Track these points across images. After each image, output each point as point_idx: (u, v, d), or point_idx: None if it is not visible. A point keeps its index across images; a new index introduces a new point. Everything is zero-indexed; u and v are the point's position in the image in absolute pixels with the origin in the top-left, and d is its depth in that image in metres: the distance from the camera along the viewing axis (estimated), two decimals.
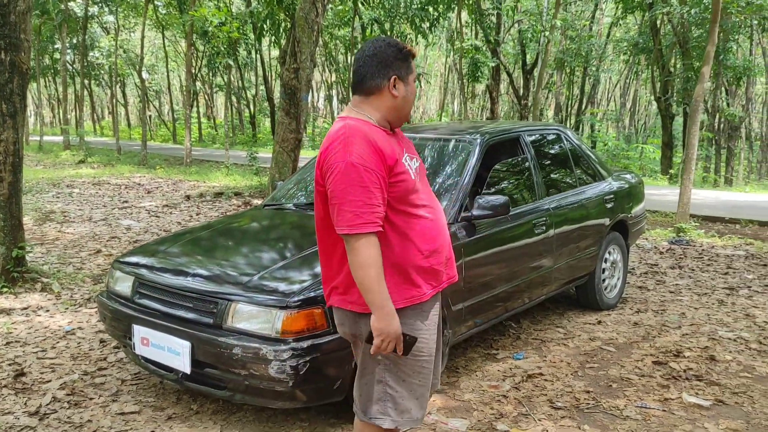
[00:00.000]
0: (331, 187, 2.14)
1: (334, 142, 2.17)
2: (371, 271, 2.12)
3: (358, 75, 2.29)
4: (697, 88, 8.39)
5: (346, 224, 2.12)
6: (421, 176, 2.37)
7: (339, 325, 2.41)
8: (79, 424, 3.25)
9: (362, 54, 2.28)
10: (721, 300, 5.64)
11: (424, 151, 4.24)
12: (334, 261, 2.31)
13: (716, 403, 3.60)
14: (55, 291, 5.43)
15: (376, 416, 2.33)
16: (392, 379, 2.31)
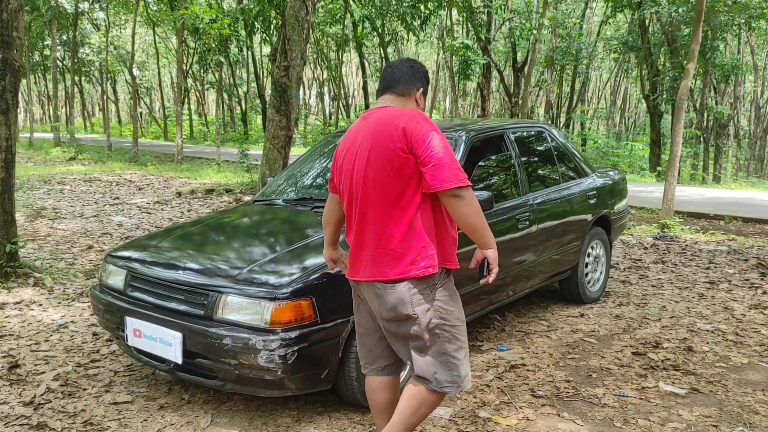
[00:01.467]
0: (432, 151, 2.41)
1: (413, 117, 2.50)
2: (482, 215, 2.49)
3: (394, 77, 2.68)
4: (681, 86, 8.53)
5: (457, 179, 2.40)
6: None
7: (399, 304, 2.52)
8: (73, 413, 3.34)
9: (400, 63, 2.71)
10: (701, 294, 5.77)
11: None
12: (402, 234, 2.50)
13: (691, 391, 3.72)
14: (47, 286, 5.50)
15: (446, 385, 2.60)
16: (452, 349, 2.59)
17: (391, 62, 2.76)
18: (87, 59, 34.49)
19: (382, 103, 2.67)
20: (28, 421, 3.24)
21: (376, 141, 2.51)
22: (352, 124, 2.77)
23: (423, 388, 2.62)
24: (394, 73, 2.68)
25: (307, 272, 3.18)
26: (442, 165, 2.40)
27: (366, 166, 2.53)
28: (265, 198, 4.55)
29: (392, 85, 2.68)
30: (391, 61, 2.90)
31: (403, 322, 2.55)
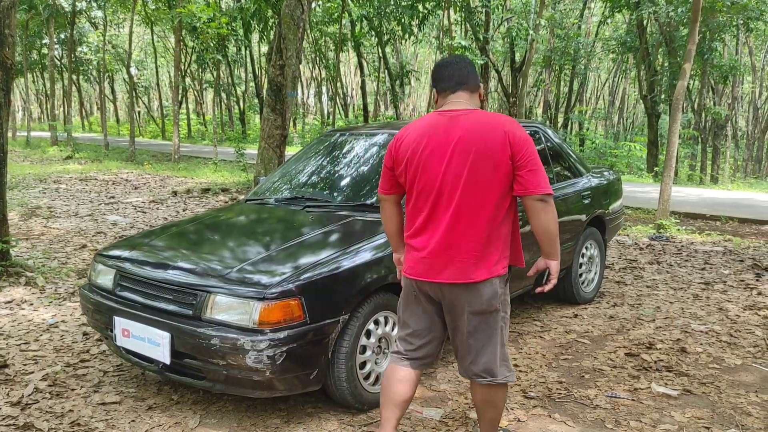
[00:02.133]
0: (530, 156, 2.55)
1: (513, 123, 2.62)
2: (557, 225, 2.67)
3: (463, 73, 2.69)
4: (678, 86, 8.51)
5: (548, 185, 2.56)
6: None
7: (492, 298, 2.64)
8: (60, 414, 3.31)
9: (460, 59, 2.73)
10: (696, 294, 5.75)
11: None
12: (492, 235, 2.61)
13: (684, 392, 3.70)
14: (39, 285, 5.48)
15: (506, 375, 2.73)
16: (504, 340, 2.75)
17: (447, 59, 2.75)
18: (85, 58, 34.42)
19: (458, 100, 2.68)
20: (15, 421, 3.21)
21: (481, 143, 2.55)
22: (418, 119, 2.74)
23: (494, 386, 2.74)
24: (462, 70, 2.70)
25: (296, 272, 3.15)
26: (538, 170, 2.54)
27: (466, 166, 2.56)
28: (257, 197, 4.52)
29: (465, 81, 2.69)
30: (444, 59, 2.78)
31: (489, 314, 2.66)
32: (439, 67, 2.76)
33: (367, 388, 3.40)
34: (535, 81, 31.28)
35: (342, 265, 3.25)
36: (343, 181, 4.35)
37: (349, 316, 3.23)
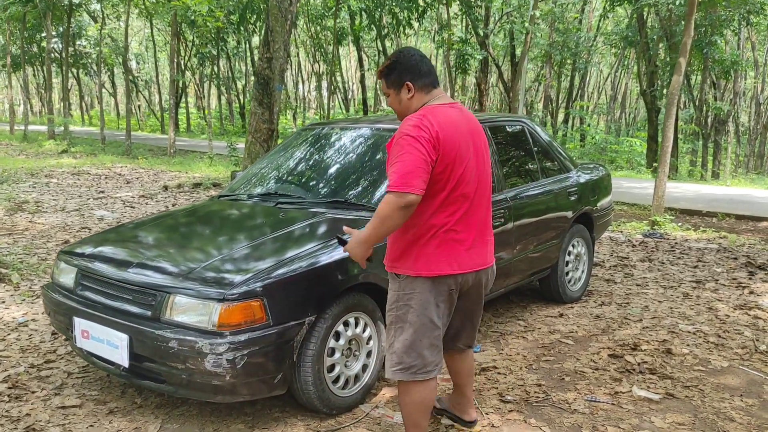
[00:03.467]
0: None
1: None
2: None
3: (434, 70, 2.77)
4: (673, 81, 8.36)
5: None
6: None
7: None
8: (16, 418, 3.19)
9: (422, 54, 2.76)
10: (686, 293, 5.62)
11: (378, 144, 4.19)
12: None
13: (666, 396, 3.58)
14: (14, 282, 5.36)
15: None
16: None
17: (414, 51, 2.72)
18: (84, 51, 34.26)
19: (442, 95, 2.73)
20: None
21: (482, 136, 2.78)
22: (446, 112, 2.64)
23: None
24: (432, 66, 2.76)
25: (259, 272, 3.02)
26: None
27: (483, 158, 2.74)
28: (231, 193, 4.40)
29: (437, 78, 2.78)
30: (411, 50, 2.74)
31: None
32: (421, 59, 2.69)
33: (336, 392, 3.28)
34: (536, 76, 31.10)
35: (308, 264, 3.12)
36: (318, 177, 4.22)
37: (315, 318, 3.11)
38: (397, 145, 2.52)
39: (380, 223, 2.49)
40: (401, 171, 2.45)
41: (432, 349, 2.69)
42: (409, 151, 2.47)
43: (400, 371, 2.69)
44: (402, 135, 2.52)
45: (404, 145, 2.49)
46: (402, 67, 2.68)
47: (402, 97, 2.70)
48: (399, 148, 2.50)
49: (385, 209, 2.45)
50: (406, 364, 2.67)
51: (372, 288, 3.41)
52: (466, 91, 33.15)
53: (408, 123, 2.55)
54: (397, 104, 2.74)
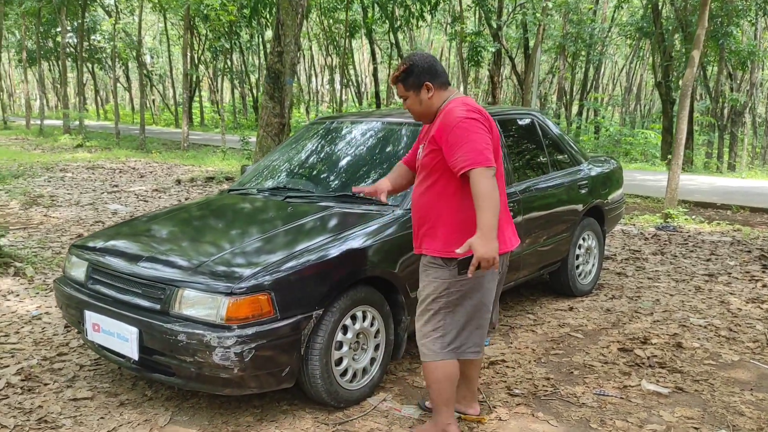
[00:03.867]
0: None
1: None
2: None
3: None
4: (686, 73, 8.28)
5: None
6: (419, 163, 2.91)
7: None
8: (29, 410, 3.24)
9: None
10: (698, 286, 5.58)
11: (388, 137, 4.19)
12: None
13: (675, 390, 3.56)
14: (28, 276, 5.42)
15: None
16: None
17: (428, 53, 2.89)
18: (99, 46, 34.43)
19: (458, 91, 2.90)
20: None
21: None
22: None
23: None
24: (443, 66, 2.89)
25: (267, 266, 3.04)
26: None
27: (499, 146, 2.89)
28: (240, 187, 4.42)
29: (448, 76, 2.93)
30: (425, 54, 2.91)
31: None
32: (435, 60, 2.85)
33: (344, 385, 3.29)
34: (550, 68, 30.89)
35: (316, 258, 3.13)
36: (327, 171, 4.23)
37: (323, 311, 3.12)
38: (458, 129, 2.64)
39: (490, 199, 2.52)
40: (477, 148, 2.59)
41: (483, 329, 2.91)
42: (474, 131, 2.63)
43: (451, 351, 2.83)
44: (459, 120, 2.64)
45: (466, 127, 2.63)
46: (419, 69, 2.79)
47: (422, 97, 2.81)
48: (461, 131, 2.63)
49: (487, 184, 2.54)
50: (457, 344, 2.84)
51: (380, 282, 3.42)
52: (479, 83, 33.03)
53: (458, 111, 2.68)
54: (417, 105, 2.84)
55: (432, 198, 2.81)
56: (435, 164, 2.77)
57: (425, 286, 2.85)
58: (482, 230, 2.51)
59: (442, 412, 2.92)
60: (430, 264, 2.83)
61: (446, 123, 2.69)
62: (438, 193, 2.79)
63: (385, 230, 3.44)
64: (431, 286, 2.81)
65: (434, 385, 2.87)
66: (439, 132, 2.71)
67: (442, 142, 2.69)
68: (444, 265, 2.77)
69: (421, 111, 2.86)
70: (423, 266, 2.89)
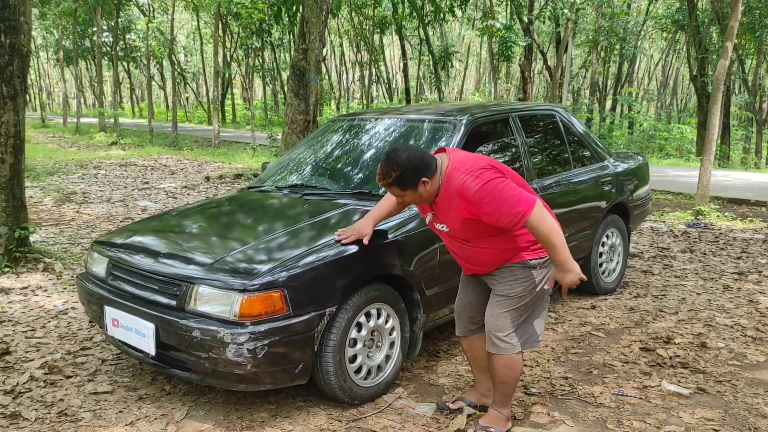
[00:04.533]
0: None
1: None
2: None
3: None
4: (718, 65, 8.10)
5: None
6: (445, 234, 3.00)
7: None
8: (50, 403, 3.31)
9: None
10: (727, 285, 5.46)
11: (406, 134, 4.18)
12: None
13: (697, 391, 3.49)
14: (56, 271, 5.54)
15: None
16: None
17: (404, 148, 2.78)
18: (134, 45, 34.99)
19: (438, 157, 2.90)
20: (4, 410, 3.22)
21: None
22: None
23: None
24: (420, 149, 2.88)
25: (280, 263, 3.06)
26: None
27: None
28: (260, 184, 4.45)
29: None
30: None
31: None
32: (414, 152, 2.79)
33: (358, 382, 3.30)
34: (583, 62, 30.46)
35: (329, 255, 3.14)
36: (344, 169, 4.24)
37: (336, 309, 3.12)
38: (479, 197, 2.66)
39: (555, 235, 2.66)
40: (510, 201, 2.63)
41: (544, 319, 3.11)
42: (493, 185, 2.66)
43: (530, 342, 3.01)
44: (475, 190, 2.66)
45: (485, 189, 2.65)
46: (411, 171, 2.72)
47: (421, 191, 2.78)
48: (485, 196, 2.65)
49: (545, 222, 2.65)
50: (527, 336, 3.00)
51: (395, 279, 3.42)
52: (510, 78, 32.74)
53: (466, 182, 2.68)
54: (419, 197, 2.82)
55: (483, 251, 2.90)
56: (475, 232, 2.83)
57: (512, 285, 2.91)
58: (561, 266, 2.71)
59: (509, 402, 3.08)
60: (517, 266, 2.90)
61: (468, 195, 2.68)
62: (488, 245, 2.87)
63: (400, 228, 3.43)
64: (520, 286, 2.90)
65: (511, 376, 2.99)
66: (468, 204, 2.70)
67: (476, 211, 2.70)
68: (523, 266, 2.89)
69: (423, 200, 2.85)
70: (507, 267, 2.93)
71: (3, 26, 5.24)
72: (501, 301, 2.94)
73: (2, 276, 5.31)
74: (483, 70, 38.52)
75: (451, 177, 2.75)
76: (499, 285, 2.95)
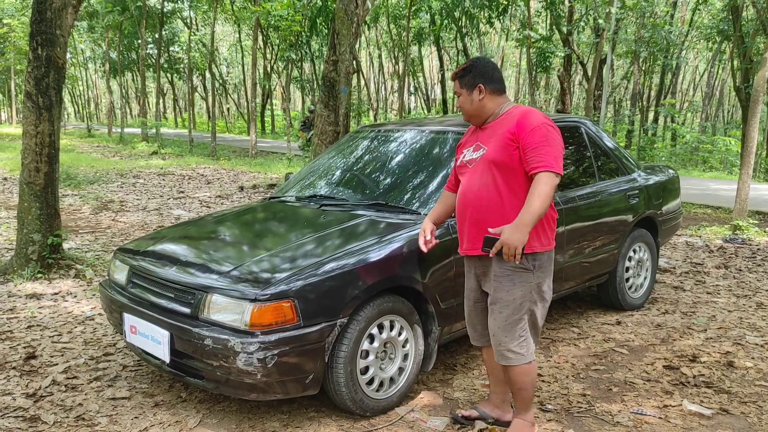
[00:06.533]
0: None
1: None
2: None
3: None
4: (757, 76, 7.89)
5: None
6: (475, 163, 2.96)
7: None
8: (69, 408, 3.38)
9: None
10: (760, 303, 5.30)
11: (427, 145, 4.18)
12: None
13: (720, 412, 3.39)
14: (87, 278, 5.67)
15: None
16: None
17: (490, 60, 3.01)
18: (177, 57, 35.76)
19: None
20: (25, 413, 3.30)
21: None
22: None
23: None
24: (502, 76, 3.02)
25: (291, 273, 3.07)
26: None
27: None
28: (281, 194, 4.49)
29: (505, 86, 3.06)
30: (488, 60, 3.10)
31: None
32: (494, 67, 2.98)
33: (370, 394, 3.29)
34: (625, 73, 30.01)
35: (340, 266, 3.14)
36: (362, 179, 4.25)
37: (348, 320, 3.13)
38: (539, 132, 2.77)
39: (543, 201, 2.68)
40: (556, 155, 2.75)
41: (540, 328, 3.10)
42: (555, 138, 2.79)
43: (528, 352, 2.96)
44: (542, 124, 2.79)
45: (547, 133, 2.78)
46: (477, 71, 2.95)
47: (473, 98, 2.95)
48: (542, 135, 2.76)
49: (549, 188, 2.69)
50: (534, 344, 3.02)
51: (409, 291, 3.41)
52: (549, 89, 32.46)
53: (539, 116, 2.83)
54: (468, 104, 2.98)
55: (495, 194, 2.88)
56: (504, 160, 2.85)
57: (510, 290, 2.89)
58: (519, 222, 2.68)
59: (531, 406, 3.08)
60: (517, 269, 2.87)
61: (527, 123, 2.80)
62: (502, 189, 2.87)
63: (415, 240, 3.42)
64: (519, 291, 2.89)
65: (529, 384, 2.99)
66: (519, 129, 2.80)
67: (521, 139, 2.79)
68: (530, 270, 2.88)
69: (470, 111, 2.99)
70: (503, 271, 2.89)
71: (40, 39, 5.41)
72: (502, 310, 2.91)
73: (35, 282, 5.46)
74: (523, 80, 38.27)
75: (519, 108, 2.92)
76: (497, 292, 2.91)
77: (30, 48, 5.46)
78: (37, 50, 5.42)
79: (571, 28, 20.04)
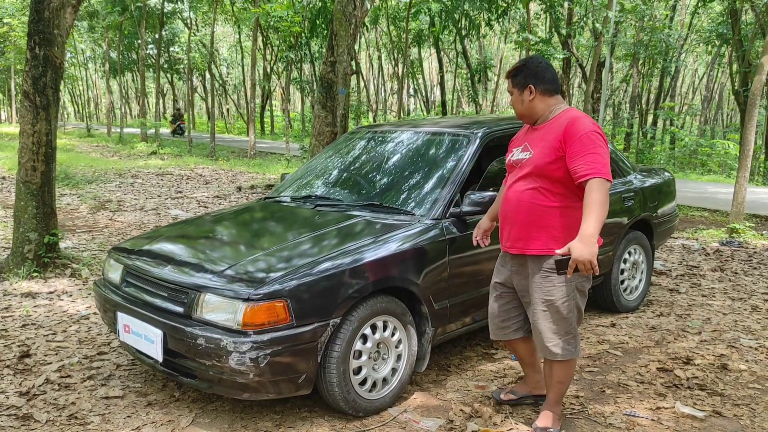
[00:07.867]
0: None
1: None
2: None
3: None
4: (754, 81, 7.91)
5: None
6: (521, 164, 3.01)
7: None
8: (62, 406, 3.38)
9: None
10: (755, 306, 5.31)
11: (423, 146, 4.19)
12: None
13: (712, 414, 3.39)
14: (83, 277, 5.67)
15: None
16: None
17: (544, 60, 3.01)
18: (177, 57, 35.76)
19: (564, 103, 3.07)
20: (17, 411, 3.31)
21: None
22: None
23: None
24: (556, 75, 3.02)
25: (284, 273, 3.08)
26: None
27: None
28: (276, 195, 4.50)
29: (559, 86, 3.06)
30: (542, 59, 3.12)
31: None
32: (546, 67, 2.99)
33: (363, 395, 3.29)
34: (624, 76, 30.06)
35: (334, 266, 3.15)
36: (357, 180, 4.25)
37: (340, 320, 3.13)
38: (586, 138, 2.79)
39: (602, 208, 2.72)
40: (604, 161, 2.78)
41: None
42: (601, 144, 2.82)
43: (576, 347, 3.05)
44: (590, 131, 2.81)
45: (594, 140, 2.80)
46: (528, 71, 2.99)
47: (524, 98, 2.99)
48: (589, 141, 2.79)
49: (602, 195, 2.72)
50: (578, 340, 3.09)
51: (402, 292, 3.41)
52: None
53: (587, 122, 2.85)
54: (519, 104, 3.03)
55: (538, 198, 2.93)
56: (548, 167, 2.88)
57: (550, 290, 2.95)
58: (584, 235, 2.69)
59: (561, 400, 3.19)
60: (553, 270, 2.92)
61: (574, 131, 2.82)
62: (545, 194, 2.92)
63: (409, 241, 3.43)
64: (560, 291, 2.94)
65: (569, 376, 3.09)
66: (566, 137, 2.83)
67: (567, 147, 2.83)
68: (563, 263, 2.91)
69: (521, 110, 3.04)
70: (543, 273, 2.96)
71: (38, 38, 5.42)
72: (545, 312, 2.98)
73: (30, 281, 5.46)
74: None
75: (569, 113, 2.91)
76: (536, 293, 2.98)
77: (28, 47, 5.47)
78: (34, 50, 5.43)
79: (570, 30, 20.06)
